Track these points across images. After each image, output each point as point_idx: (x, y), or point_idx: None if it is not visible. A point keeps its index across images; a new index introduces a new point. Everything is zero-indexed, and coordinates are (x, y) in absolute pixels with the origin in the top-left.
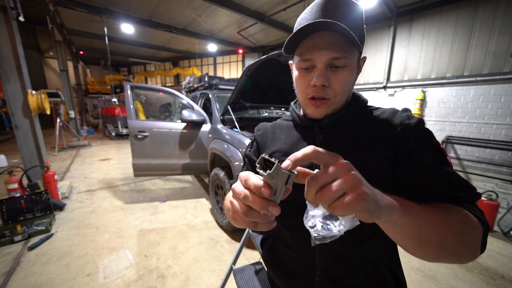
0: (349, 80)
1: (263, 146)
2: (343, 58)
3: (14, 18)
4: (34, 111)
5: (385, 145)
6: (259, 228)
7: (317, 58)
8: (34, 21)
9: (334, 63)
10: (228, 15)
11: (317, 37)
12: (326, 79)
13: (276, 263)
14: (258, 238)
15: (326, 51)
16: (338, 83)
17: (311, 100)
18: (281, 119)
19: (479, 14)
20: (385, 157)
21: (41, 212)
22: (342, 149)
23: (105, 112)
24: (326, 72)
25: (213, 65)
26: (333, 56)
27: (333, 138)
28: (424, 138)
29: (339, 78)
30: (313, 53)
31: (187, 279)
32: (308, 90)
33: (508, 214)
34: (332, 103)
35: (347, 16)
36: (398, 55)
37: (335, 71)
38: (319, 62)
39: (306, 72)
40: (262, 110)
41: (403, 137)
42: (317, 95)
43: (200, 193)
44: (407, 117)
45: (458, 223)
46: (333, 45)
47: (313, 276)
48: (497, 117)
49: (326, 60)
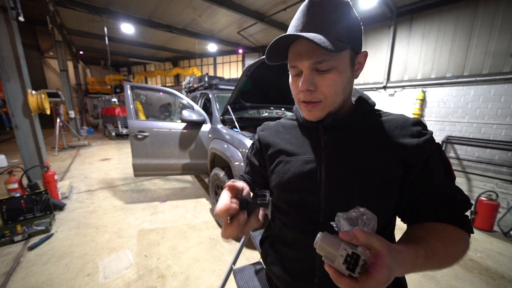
0: (338, 82)
1: (266, 146)
2: (325, 61)
3: (14, 18)
4: (34, 111)
5: (393, 155)
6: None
7: (300, 64)
8: (34, 21)
9: (317, 68)
10: (228, 15)
11: (298, 44)
12: (310, 83)
13: (275, 262)
14: (258, 238)
15: (307, 58)
16: (325, 86)
17: (303, 104)
18: (285, 118)
19: (479, 14)
20: (391, 166)
21: (41, 212)
22: (347, 151)
23: (105, 112)
24: (311, 77)
25: (213, 65)
26: (314, 61)
27: (338, 139)
28: (437, 155)
29: (326, 81)
30: (296, 60)
31: (187, 279)
32: (300, 95)
33: (508, 214)
34: (325, 106)
35: (329, 18)
36: (398, 55)
37: (322, 74)
38: (303, 68)
39: (296, 77)
40: (262, 110)
41: (414, 153)
42: (307, 99)
43: (200, 193)
44: (418, 133)
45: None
46: (313, 51)
47: (313, 276)
48: (497, 117)
49: (309, 66)
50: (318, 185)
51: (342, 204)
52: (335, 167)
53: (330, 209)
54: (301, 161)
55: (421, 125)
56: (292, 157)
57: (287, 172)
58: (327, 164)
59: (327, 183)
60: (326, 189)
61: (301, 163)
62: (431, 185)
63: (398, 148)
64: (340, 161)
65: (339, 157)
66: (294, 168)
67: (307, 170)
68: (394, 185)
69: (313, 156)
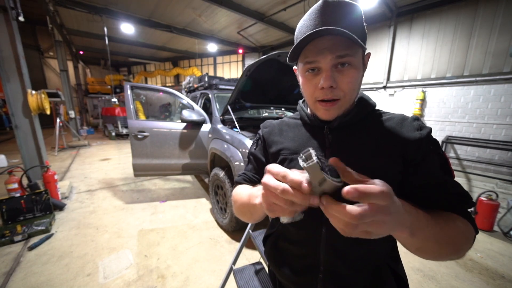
0: (356, 78)
1: (270, 143)
2: (346, 56)
3: (14, 18)
4: (34, 111)
5: (394, 151)
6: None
7: (322, 59)
8: (34, 21)
9: (338, 63)
10: (228, 15)
11: (318, 41)
12: (333, 80)
13: (279, 259)
14: (258, 238)
15: (330, 52)
16: (346, 82)
17: (321, 103)
18: (288, 117)
19: (479, 14)
20: (393, 163)
21: (41, 212)
22: (350, 150)
23: (105, 112)
24: (332, 74)
25: (213, 65)
26: (337, 55)
27: (343, 140)
28: (434, 149)
29: (346, 77)
30: (317, 56)
31: (187, 279)
32: (317, 93)
33: (508, 214)
34: (342, 104)
35: (345, 17)
36: (398, 55)
37: (341, 70)
38: (324, 64)
39: (312, 75)
40: (262, 110)
41: (413, 147)
42: (326, 97)
43: (200, 193)
44: (418, 127)
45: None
46: (336, 45)
47: (317, 272)
48: (497, 117)
49: (330, 60)
50: None
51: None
52: None
53: None
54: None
55: (420, 121)
56: (296, 155)
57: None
58: None
59: None
60: None
61: None
62: (427, 178)
63: (399, 145)
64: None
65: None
66: (298, 166)
67: None
68: (395, 182)
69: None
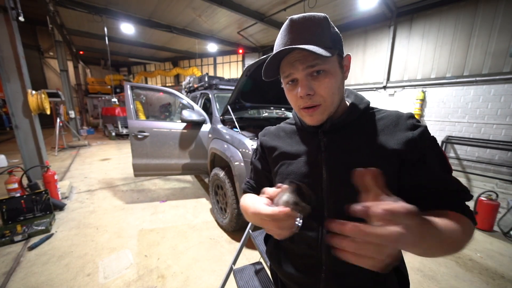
0: (333, 83)
1: (269, 150)
2: (317, 65)
3: (14, 18)
4: (34, 111)
5: (390, 151)
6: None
7: (295, 71)
8: (34, 21)
9: (311, 72)
10: (228, 15)
11: (290, 56)
12: (308, 88)
13: (281, 259)
14: (258, 238)
15: (300, 63)
16: (323, 88)
17: (304, 110)
18: (284, 122)
19: (479, 14)
20: (389, 163)
21: (41, 212)
22: (346, 151)
23: (105, 112)
24: (307, 82)
25: (213, 65)
26: (307, 65)
27: (337, 142)
28: (430, 147)
29: (322, 83)
30: (291, 69)
31: (187, 279)
32: (299, 102)
33: (508, 214)
34: (325, 108)
35: (310, 31)
36: (398, 55)
37: (317, 78)
38: (298, 74)
39: (292, 86)
40: (262, 110)
41: (409, 147)
42: (307, 105)
43: (200, 193)
44: (413, 125)
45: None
46: (305, 57)
47: (319, 272)
48: (497, 117)
49: (302, 70)
50: (321, 184)
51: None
52: (336, 167)
53: (334, 206)
54: (303, 163)
55: (415, 118)
56: (294, 159)
57: (290, 174)
58: (328, 165)
59: (329, 182)
60: (328, 188)
61: (303, 164)
62: (427, 176)
63: (394, 143)
64: (340, 161)
65: (339, 157)
66: (297, 169)
67: (310, 171)
68: (393, 180)
69: (314, 158)
